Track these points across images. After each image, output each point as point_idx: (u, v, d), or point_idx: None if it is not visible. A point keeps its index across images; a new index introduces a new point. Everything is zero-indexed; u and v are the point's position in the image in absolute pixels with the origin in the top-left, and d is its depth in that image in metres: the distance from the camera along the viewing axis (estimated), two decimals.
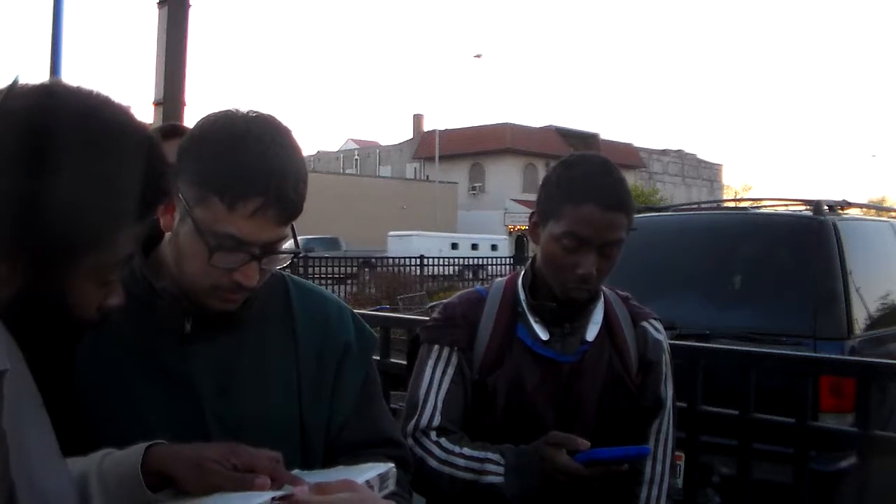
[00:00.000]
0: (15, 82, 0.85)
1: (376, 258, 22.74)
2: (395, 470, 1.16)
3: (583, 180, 1.59)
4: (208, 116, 1.20)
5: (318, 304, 1.37)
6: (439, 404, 1.66)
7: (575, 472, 1.50)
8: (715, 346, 3.28)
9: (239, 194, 1.11)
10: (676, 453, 1.83)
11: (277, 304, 1.33)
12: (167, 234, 1.22)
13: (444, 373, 1.68)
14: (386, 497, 1.12)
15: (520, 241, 36.52)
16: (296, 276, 1.43)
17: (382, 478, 1.13)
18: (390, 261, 22.10)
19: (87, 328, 0.91)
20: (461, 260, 24.78)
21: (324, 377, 1.31)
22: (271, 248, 1.17)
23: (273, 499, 0.95)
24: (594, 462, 1.51)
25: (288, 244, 1.21)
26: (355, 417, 1.33)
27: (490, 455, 1.59)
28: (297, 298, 1.35)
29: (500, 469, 1.57)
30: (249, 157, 1.12)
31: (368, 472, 1.12)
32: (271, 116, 1.21)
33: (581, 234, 1.57)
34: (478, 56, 41.02)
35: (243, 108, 1.20)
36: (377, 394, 1.41)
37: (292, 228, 1.21)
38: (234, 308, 1.21)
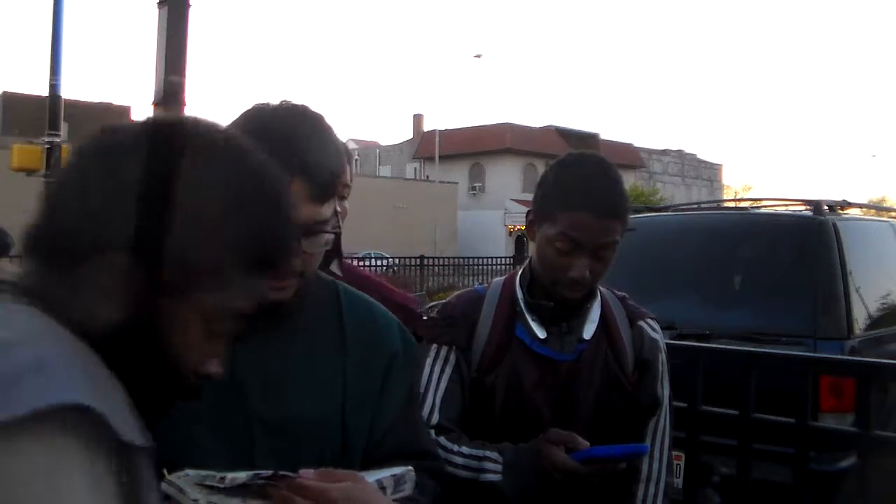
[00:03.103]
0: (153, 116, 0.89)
1: (376, 258, 22.74)
2: (413, 474, 1.15)
3: (577, 184, 1.59)
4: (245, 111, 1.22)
5: (367, 311, 1.37)
6: (437, 402, 1.66)
7: (572, 470, 1.50)
8: (715, 346, 3.28)
9: None
10: (676, 453, 1.83)
11: (328, 307, 1.32)
12: None
13: (442, 371, 1.69)
14: (399, 500, 1.11)
15: (520, 241, 36.52)
16: (345, 284, 1.43)
17: (398, 480, 1.12)
18: (390, 261, 22.10)
19: (179, 390, 0.85)
20: (461, 260, 24.76)
21: (370, 384, 1.30)
22: (310, 229, 1.15)
23: (258, 475, 0.96)
24: (592, 460, 1.51)
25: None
26: (396, 427, 1.32)
27: (488, 453, 1.59)
28: (347, 304, 1.35)
29: (499, 467, 1.57)
30: (276, 137, 1.10)
31: (383, 472, 1.12)
32: (302, 105, 1.22)
33: (574, 238, 1.57)
34: (478, 56, 40.94)
35: (278, 101, 1.22)
36: (417, 404, 1.41)
37: (336, 210, 1.21)
38: (286, 297, 1.18)
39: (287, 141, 1.12)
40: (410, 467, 1.15)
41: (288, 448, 1.18)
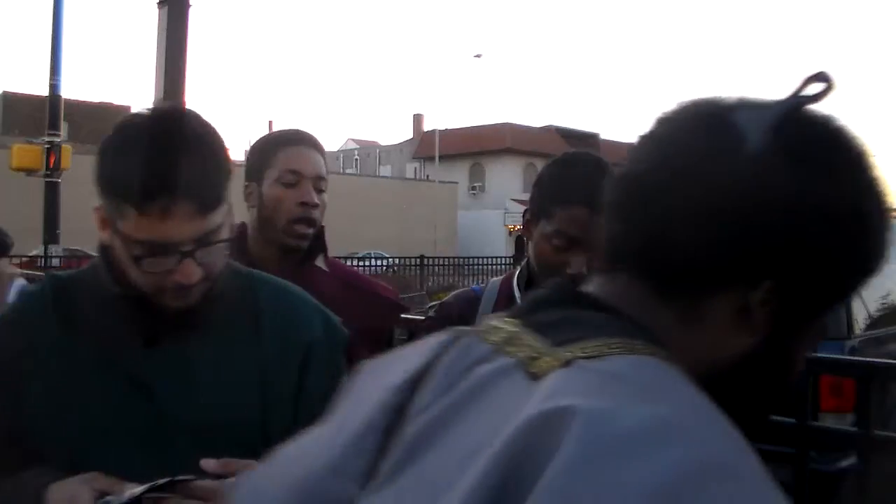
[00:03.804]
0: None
1: (376, 258, 22.73)
2: None
3: (573, 180, 1.60)
4: (120, 122, 1.19)
5: (283, 301, 1.34)
6: None
7: None
8: None
9: (144, 196, 1.09)
10: None
11: (244, 303, 1.30)
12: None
13: None
14: None
15: (519, 242, 36.50)
16: (266, 274, 1.41)
17: None
18: (390, 261, 22.10)
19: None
20: (461, 260, 24.76)
21: (288, 378, 1.28)
22: (203, 241, 1.15)
23: (154, 485, 0.97)
24: None
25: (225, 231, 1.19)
26: (319, 419, 1.28)
27: None
28: (263, 296, 1.32)
29: None
30: (147, 154, 1.10)
31: None
32: (174, 107, 1.20)
33: (571, 235, 1.58)
34: (478, 56, 41.00)
35: (151, 106, 1.21)
36: None
37: (230, 212, 1.20)
38: (194, 303, 1.19)
39: (163, 159, 1.10)
40: None
41: (206, 451, 1.15)
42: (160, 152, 1.11)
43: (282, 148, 1.86)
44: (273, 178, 1.83)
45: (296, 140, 1.89)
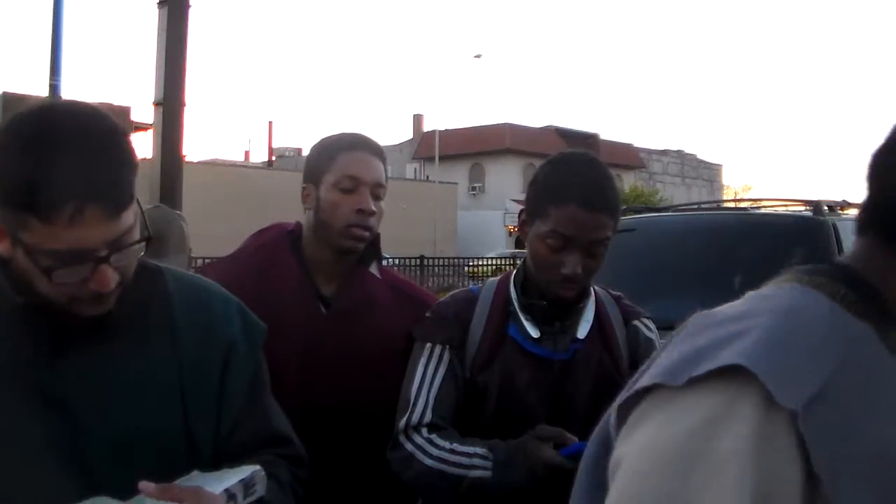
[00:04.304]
0: None
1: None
2: (262, 473, 1.11)
3: (568, 180, 1.60)
4: (6, 122, 1.08)
5: (199, 299, 1.27)
6: (431, 401, 1.67)
7: (559, 466, 1.49)
8: None
9: (49, 204, 0.99)
10: None
11: (155, 303, 1.22)
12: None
13: (436, 370, 1.69)
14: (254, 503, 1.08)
15: (519, 242, 36.48)
16: (175, 269, 1.33)
17: (247, 484, 1.08)
18: (390, 261, 22.10)
19: None
20: (461, 260, 24.78)
21: (208, 380, 1.21)
22: (117, 245, 1.06)
23: None
24: (579, 455, 1.50)
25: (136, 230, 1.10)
26: (243, 418, 1.24)
27: (478, 450, 1.59)
28: (177, 295, 1.24)
29: (489, 464, 1.57)
30: (45, 158, 0.99)
31: (230, 478, 1.07)
32: (69, 102, 1.09)
33: (565, 234, 1.58)
34: (478, 56, 40.93)
35: (39, 102, 1.09)
36: (265, 390, 1.32)
37: (140, 209, 1.11)
38: (108, 310, 1.11)
39: (64, 160, 1.00)
40: (258, 467, 1.11)
41: (130, 464, 1.10)
42: (59, 152, 1.00)
43: (342, 152, 1.82)
44: (331, 183, 1.80)
45: (357, 145, 1.85)
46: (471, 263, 23.98)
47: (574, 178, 1.60)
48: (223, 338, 1.24)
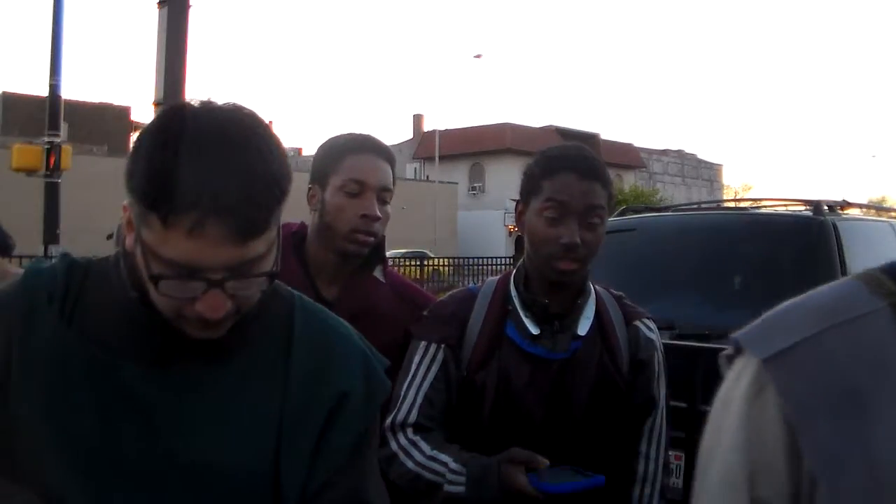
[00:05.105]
0: None
1: None
2: None
3: (558, 155, 1.67)
4: (162, 110, 1.00)
5: (322, 340, 1.14)
6: (418, 401, 1.67)
7: (531, 496, 1.49)
8: (715, 345, 3.28)
9: (170, 208, 0.90)
10: (676, 453, 1.83)
11: (276, 333, 1.11)
12: None
13: (428, 369, 1.69)
14: None
15: (520, 241, 36.44)
16: (308, 301, 1.19)
17: None
18: (390, 261, 22.08)
19: None
20: (461, 260, 24.77)
21: (310, 428, 1.08)
22: (238, 272, 0.94)
23: None
24: (551, 494, 1.48)
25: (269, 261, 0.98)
26: (338, 478, 1.10)
27: (453, 464, 1.58)
28: (301, 331, 1.12)
29: (462, 479, 1.57)
30: (182, 158, 0.91)
31: None
32: (233, 107, 0.98)
33: (560, 200, 1.61)
34: (478, 56, 40.88)
35: (202, 100, 0.99)
36: (370, 452, 1.17)
37: (279, 240, 1.00)
38: (217, 336, 1.01)
39: (201, 165, 0.91)
40: None
41: (200, 498, 1.01)
42: (199, 156, 0.91)
43: (348, 154, 1.80)
44: (336, 186, 1.78)
45: (364, 147, 1.82)
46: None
47: (565, 153, 1.67)
48: (336, 387, 1.11)
